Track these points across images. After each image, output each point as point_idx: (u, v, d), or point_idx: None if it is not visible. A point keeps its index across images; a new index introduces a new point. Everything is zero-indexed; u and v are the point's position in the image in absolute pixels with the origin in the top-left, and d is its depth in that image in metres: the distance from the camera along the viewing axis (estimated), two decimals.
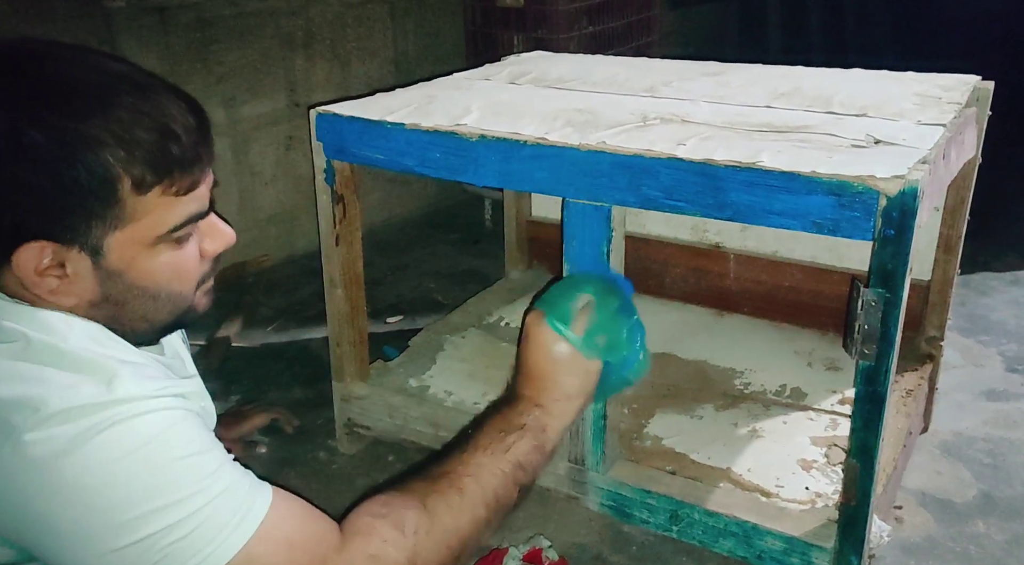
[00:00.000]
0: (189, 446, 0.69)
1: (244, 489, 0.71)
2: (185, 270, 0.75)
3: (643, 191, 0.98)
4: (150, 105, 0.68)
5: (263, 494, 0.72)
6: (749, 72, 1.40)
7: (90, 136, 0.65)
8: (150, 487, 0.66)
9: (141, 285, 0.73)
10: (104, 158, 0.66)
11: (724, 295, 1.62)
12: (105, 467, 0.65)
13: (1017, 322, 1.84)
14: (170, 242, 0.72)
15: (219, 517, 0.68)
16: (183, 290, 0.76)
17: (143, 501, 0.65)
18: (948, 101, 1.15)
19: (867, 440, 0.95)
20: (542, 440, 0.89)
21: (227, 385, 1.65)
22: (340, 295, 1.31)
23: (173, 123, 0.69)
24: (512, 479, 0.85)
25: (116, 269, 0.71)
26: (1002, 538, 1.21)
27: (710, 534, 1.10)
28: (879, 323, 0.89)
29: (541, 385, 0.91)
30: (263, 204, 2.19)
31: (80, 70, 0.68)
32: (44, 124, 0.64)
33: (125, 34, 1.82)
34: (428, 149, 1.12)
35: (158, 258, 0.72)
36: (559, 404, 0.91)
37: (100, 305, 0.72)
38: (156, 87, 0.71)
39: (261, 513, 0.70)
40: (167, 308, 0.76)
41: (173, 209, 0.71)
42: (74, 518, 0.65)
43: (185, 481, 0.67)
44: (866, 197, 0.85)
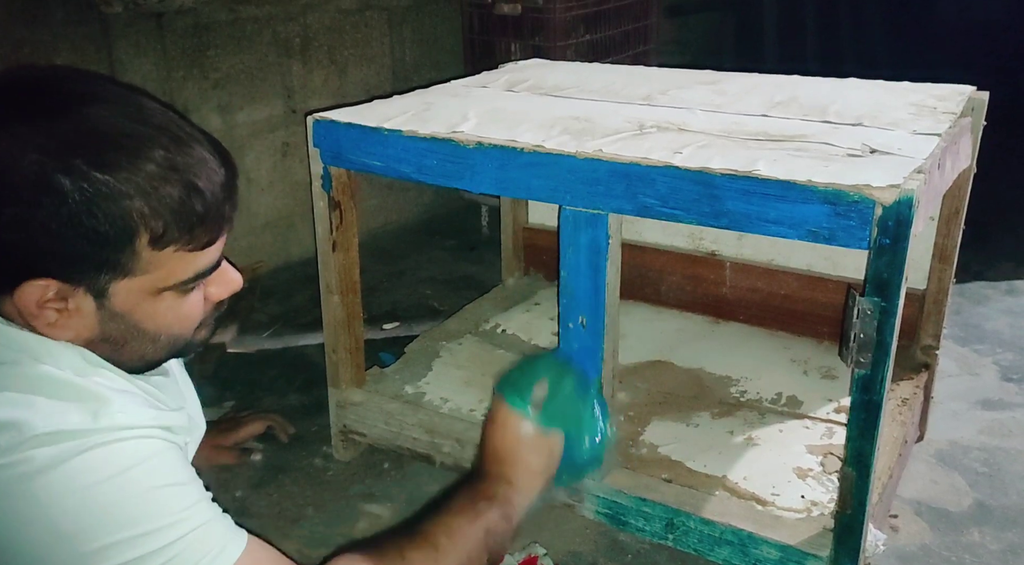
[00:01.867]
0: (168, 477, 0.68)
1: (220, 529, 0.70)
2: (188, 316, 0.75)
3: (639, 199, 0.98)
4: (183, 161, 0.68)
5: (238, 538, 0.72)
6: (745, 81, 1.40)
7: (116, 188, 0.65)
8: (124, 515, 0.65)
9: (142, 328, 0.72)
10: (126, 211, 0.65)
11: (720, 303, 1.63)
12: (79, 491, 0.64)
13: (1012, 331, 1.84)
14: (176, 291, 0.72)
15: (191, 554, 0.67)
16: (183, 333, 0.76)
17: (115, 529, 0.64)
18: (943, 111, 1.15)
19: (863, 449, 0.95)
20: (509, 512, 0.93)
21: (222, 391, 1.64)
22: (336, 302, 1.31)
23: (201, 181, 0.68)
24: (483, 544, 0.89)
25: (118, 313, 0.70)
26: (997, 547, 1.21)
27: (706, 542, 1.10)
28: (875, 332, 0.89)
29: (507, 461, 0.96)
30: (259, 210, 2.19)
31: (120, 118, 0.67)
32: (73, 171, 0.64)
33: (122, 40, 1.82)
34: (425, 156, 1.12)
35: (162, 304, 0.72)
36: (524, 479, 0.96)
37: (98, 343, 0.72)
38: (192, 140, 0.70)
39: (234, 556, 0.69)
40: (166, 349, 0.76)
41: (186, 264, 0.71)
42: (43, 542, 0.64)
43: (160, 512, 0.66)
44: (862, 206, 0.85)
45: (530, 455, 0.96)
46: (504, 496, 0.93)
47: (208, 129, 2.04)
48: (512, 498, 0.94)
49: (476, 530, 0.88)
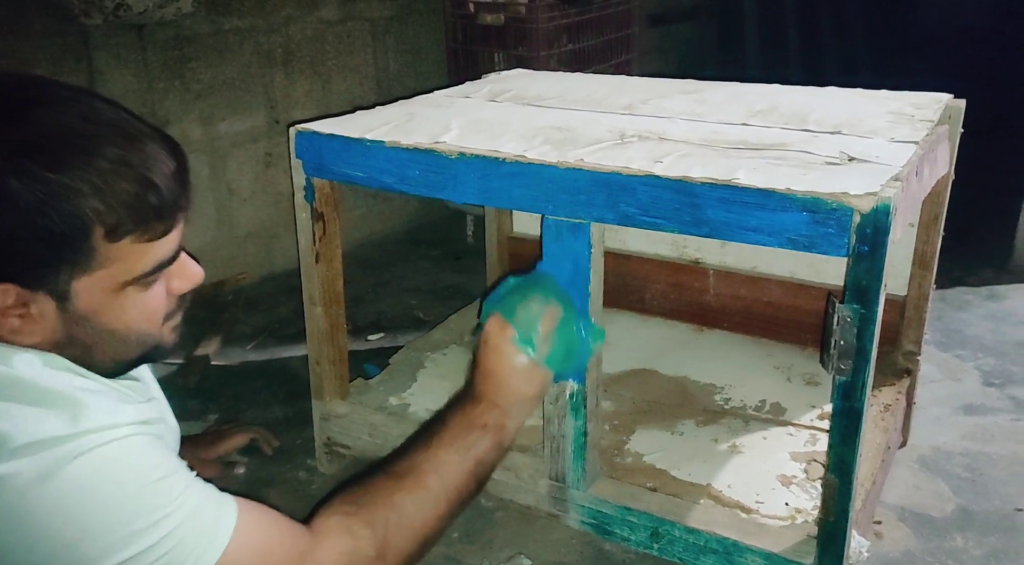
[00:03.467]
0: (156, 470, 0.69)
1: (212, 506, 0.72)
2: (152, 311, 0.75)
3: (621, 208, 0.99)
4: (134, 155, 0.68)
5: (229, 509, 0.74)
6: (726, 90, 1.41)
7: (68, 187, 0.65)
8: (123, 514, 0.66)
9: (108, 328, 0.72)
10: (80, 209, 0.66)
11: (704, 311, 1.63)
12: (76, 498, 0.65)
13: (993, 336, 1.86)
14: (138, 286, 0.72)
15: (192, 537, 0.69)
16: (150, 330, 0.76)
17: (116, 528, 0.66)
18: (921, 118, 1.16)
19: (845, 455, 0.95)
20: (501, 438, 0.97)
21: (205, 404, 1.63)
22: (320, 313, 1.30)
23: (154, 173, 0.69)
24: (474, 475, 0.92)
25: (83, 313, 0.70)
26: (980, 553, 1.21)
27: (691, 551, 1.10)
28: (855, 339, 0.89)
29: (503, 390, 0.98)
30: (241, 221, 2.18)
31: (69, 118, 0.68)
32: (24, 173, 0.64)
33: (102, 51, 1.81)
34: (407, 166, 1.12)
35: (125, 301, 0.72)
36: (517, 406, 0.99)
37: (66, 347, 0.72)
38: (142, 134, 0.71)
39: (230, 527, 0.72)
40: (135, 348, 0.76)
41: (144, 255, 0.71)
42: (48, 552, 0.65)
43: (155, 505, 0.68)
44: (840, 214, 0.86)
45: (526, 385, 0.99)
46: (497, 424, 0.96)
47: (190, 140, 2.06)
48: (505, 425, 0.97)
49: (467, 463, 0.92)
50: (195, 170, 2.03)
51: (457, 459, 0.91)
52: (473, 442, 0.93)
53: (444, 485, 0.89)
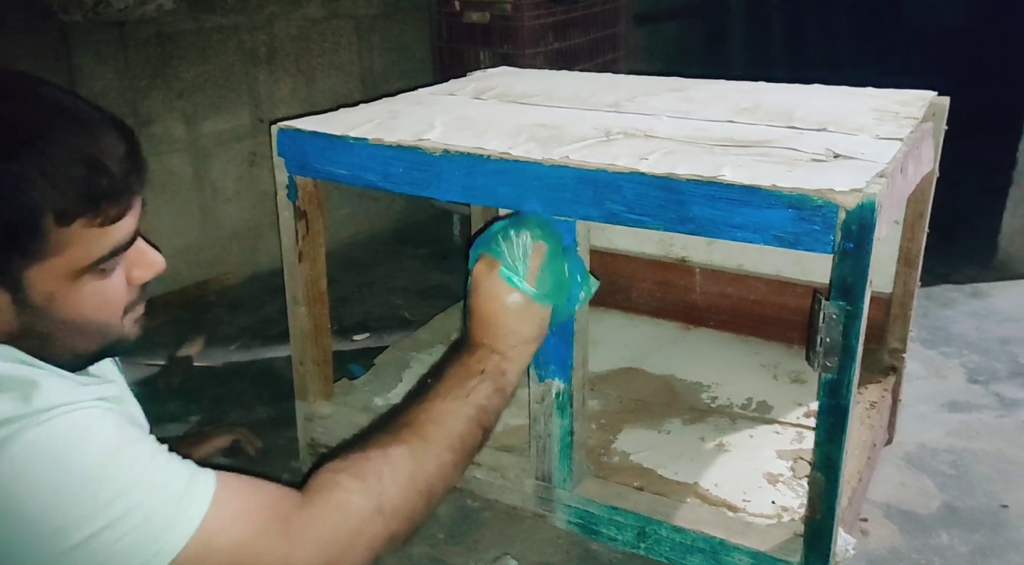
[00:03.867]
0: (118, 440, 0.66)
1: (185, 475, 0.69)
2: (111, 300, 0.73)
3: (606, 205, 0.98)
4: (83, 139, 0.67)
5: (205, 477, 0.71)
6: (712, 87, 1.41)
7: (17, 174, 0.64)
8: (84, 486, 0.63)
9: (65, 318, 0.70)
10: (29, 196, 0.64)
11: (690, 309, 1.63)
12: (31, 473, 0.62)
13: (978, 333, 1.87)
14: (95, 273, 0.70)
15: (164, 505, 0.66)
16: (110, 320, 0.74)
17: (79, 502, 0.63)
18: (905, 116, 1.16)
19: (831, 453, 0.95)
20: (502, 384, 0.92)
21: (188, 405, 1.61)
22: (303, 313, 1.29)
23: (103, 156, 0.68)
24: (476, 422, 0.88)
25: (37, 304, 0.69)
26: (965, 549, 1.21)
27: (678, 550, 1.09)
28: (840, 336, 0.89)
29: (498, 333, 0.94)
30: (225, 221, 2.16)
31: (16, 104, 0.67)
32: None
33: (82, 49, 1.79)
34: (391, 164, 1.11)
35: (82, 290, 0.70)
36: (516, 349, 0.95)
37: (21, 339, 0.70)
38: (88, 116, 0.69)
39: (208, 494, 0.69)
40: (95, 340, 0.74)
41: (98, 241, 0.69)
42: (9, 531, 0.62)
43: (119, 475, 0.65)
44: (825, 211, 0.86)
45: (522, 324, 0.95)
46: (495, 368, 0.92)
47: (173, 139, 2.03)
48: (505, 368, 0.93)
49: (467, 409, 0.87)
50: (178, 169, 2.02)
51: (456, 407, 0.87)
52: (472, 388, 0.89)
53: (445, 434, 0.84)
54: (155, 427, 0.77)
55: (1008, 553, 1.20)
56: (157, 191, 1.99)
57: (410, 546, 1.21)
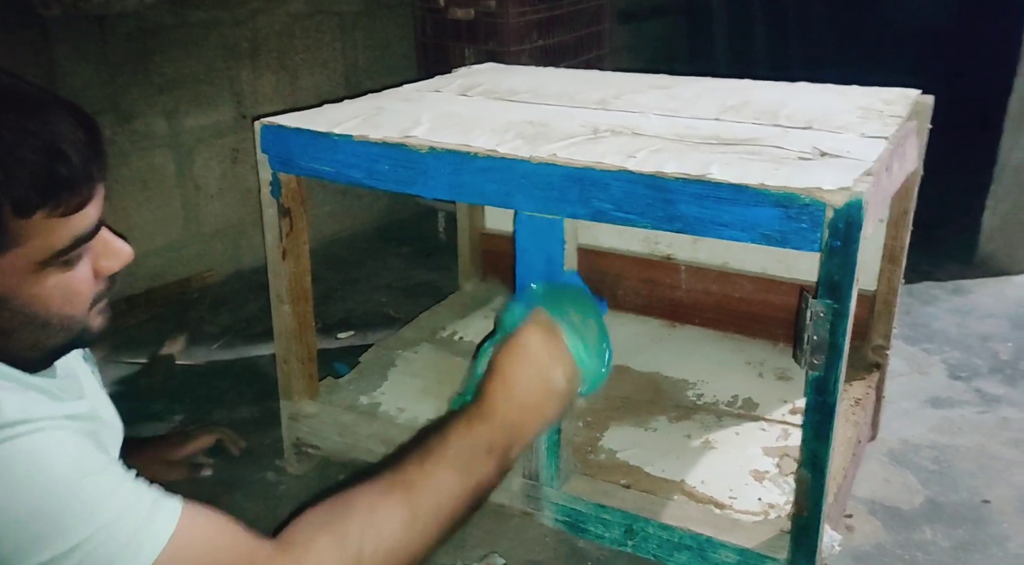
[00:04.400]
0: (74, 469, 0.64)
1: (143, 510, 0.66)
2: (77, 293, 0.71)
3: (593, 204, 0.98)
4: (37, 123, 0.65)
5: (168, 512, 0.67)
6: (698, 85, 1.41)
7: None
8: (29, 517, 0.61)
9: (29, 312, 0.68)
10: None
11: (676, 306, 1.63)
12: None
13: (959, 330, 1.88)
14: (58, 265, 0.68)
15: (112, 544, 0.63)
16: (75, 313, 0.72)
17: (21, 532, 0.61)
18: (890, 114, 1.17)
19: (818, 450, 0.95)
20: (506, 464, 0.85)
21: (170, 404, 1.59)
22: (287, 311, 1.28)
23: (61, 142, 0.65)
24: (470, 502, 0.82)
25: (0, 296, 0.66)
26: (948, 544, 1.23)
27: (665, 548, 1.10)
28: (827, 333, 0.89)
29: (527, 409, 0.86)
30: (208, 218, 2.13)
31: None
32: None
33: (62, 44, 1.76)
34: (376, 161, 1.10)
35: (46, 282, 0.68)
36: (534, 431, 0.87)
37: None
38: (45, 103, 0.67)
39: (166, 534, 0.65)
40: (60, 334, 0.71)
41: (59, 231, 0.67)
42: None
43: (70, 508, 0.62)
44: (813, 209, 0.86)
45: (556, 405, 0.87)
46: (507, 447, 0.83)
47: (155, 135, 2.01)
48: (513, 446, 0.84)
49: (466, 488, 0.80)
50: (160, 166, 2.00)
51: (455, 482, 0.79)
52: (478, 466, 0.81)
53: (437, 510, 0.77)
54: (137, 426, 0.75)
55: (990, 548, 1.22)
56: (139, 188, 1.97)
57: None
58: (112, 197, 1.92)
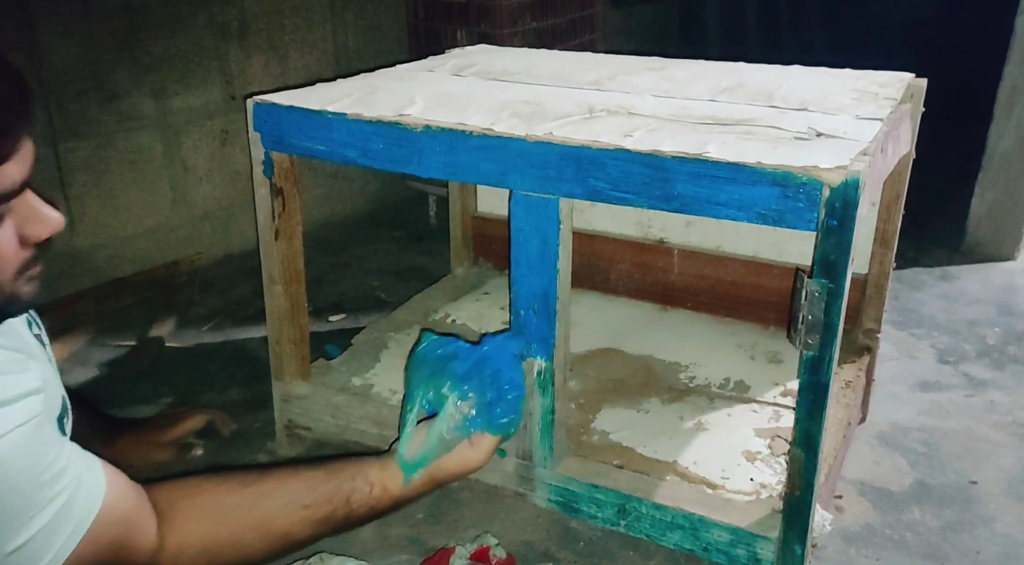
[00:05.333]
0: (25, 475, 0.67)
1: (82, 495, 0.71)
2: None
3: (590, 182, 0.97)
4: None
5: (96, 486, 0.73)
6: (692, 67, 1.41)
7: None
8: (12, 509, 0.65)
9: None
10: None
11: (668, 290, 1.63)
12: None
13: (947, 315, 1.90)
14: None
15: (57, 535, 0.69)
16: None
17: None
18: (884, 97, 1.17)
19: (811, 430, 0.96)
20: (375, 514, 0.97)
21: (159, 387, 1.58)
22: (280, 292, 1.27)
23: None
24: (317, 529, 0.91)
25: None
26: (937, 524, 1.24)
27: (657, 527, 1.10)
28: (822, 313, 0.90)
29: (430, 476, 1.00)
30: (197, 200, 2.11)
31: None
32: None
33: (44, 19, 1.73)
34: (371, 140, 1.09)
35: None
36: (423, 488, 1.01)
37: None
38: None
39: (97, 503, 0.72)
40: None
41: None
42: None
43: (26, 510, 0.66)
44: (810, 188, 0.86)
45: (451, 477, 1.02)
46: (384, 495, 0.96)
47: (141, 115, 1.98)
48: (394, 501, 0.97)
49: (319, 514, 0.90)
50: (148, 147, 1.97)
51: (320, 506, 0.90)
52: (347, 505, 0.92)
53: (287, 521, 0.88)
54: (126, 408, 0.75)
55: (977, 528, 1.23)
56: (126, 168, 1.94)
57: (388, 526, 1.20)
58: (99, 178, 1.89)
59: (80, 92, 1.82)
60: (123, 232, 1.95)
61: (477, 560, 1.12)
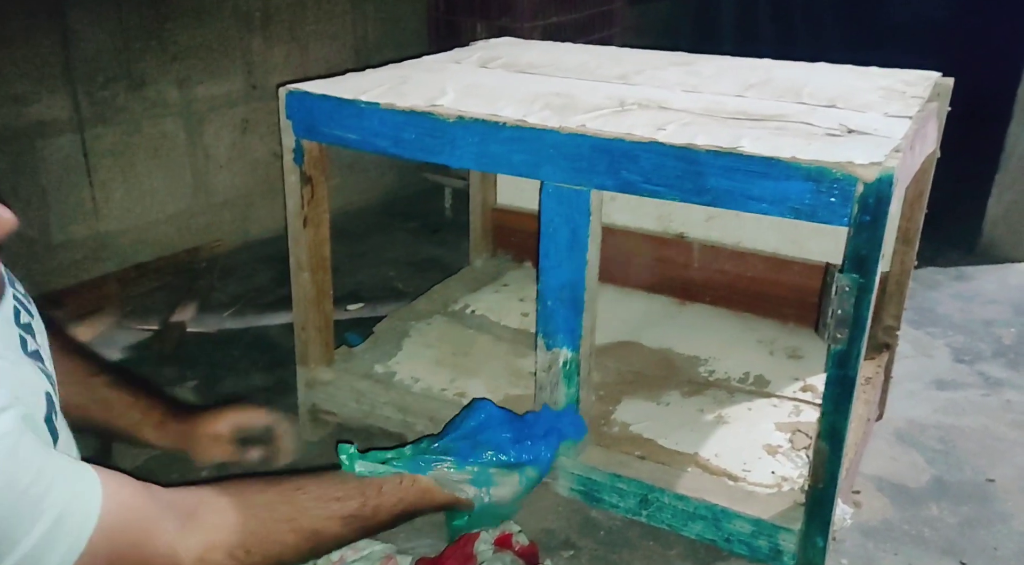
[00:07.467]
0: (10, 489, 0.61)
1: (77, 510, 0.65)
2: None
3: (622, 175, 0.98)
4: None
5: (92, 495, 0.67)
6: (718, 63, 1.41)
7: None
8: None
9: None
10: None
11: (687, 284, 1.64)
12: None
13: (962, 315, 1.91)
14: None
15: (51, 554, 0.63)
16: None
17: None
18: (912, 95, 1.18)
19: (836, 423, 0.97)
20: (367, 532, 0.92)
21: (183, 370, 1.60)
22: (306, 278, 1.28)
23: None
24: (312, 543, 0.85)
25: None
26: (954, 521, 1.25)
27: (679, 518, 1.11)
28: (852, 307, 0.91)
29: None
30: (217, 188, 2.13)
31: None
32: None
33: (77, 8, 1.75)
34: (403, 129, 1.10)
35: None
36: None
37: None
38: None
39: (94, 515, 0.65)
40: None
41: None
42: None
43: (26, 519, 0.61)
44: (844, 183, 0.87)
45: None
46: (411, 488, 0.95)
47: (167, 102, 2.00)
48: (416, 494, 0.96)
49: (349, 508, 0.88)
50: (171, 134, 1.99)
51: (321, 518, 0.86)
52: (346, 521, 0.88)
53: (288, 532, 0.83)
54: None
55: (995, 524, 1.24)
56: (150, 155, 1.96)
57: None
58: (124, 164, 1.91)
59: (109, 79, 1.84)
60: (147, 218, 1.97)
61: (500, 546, 1.13)
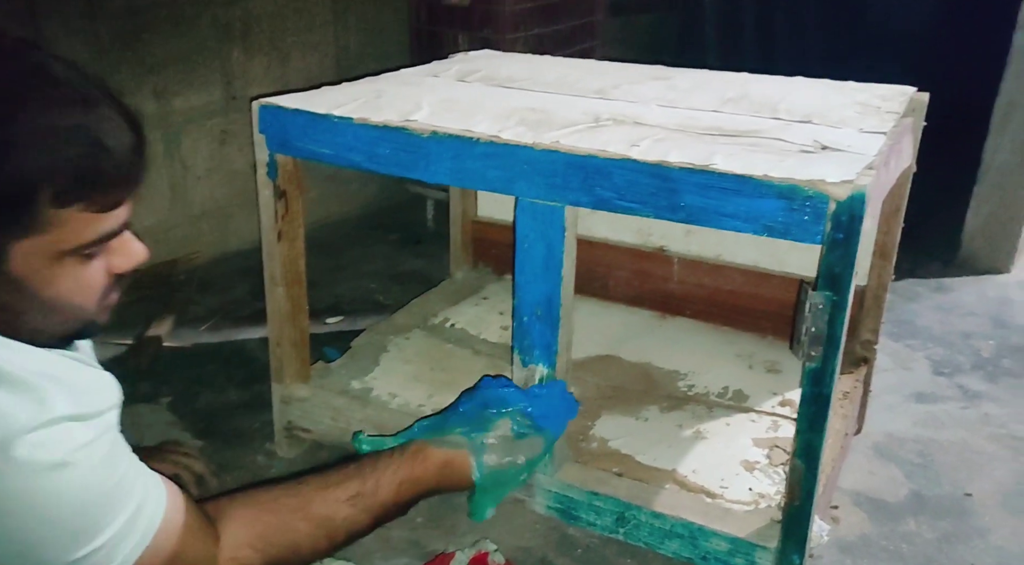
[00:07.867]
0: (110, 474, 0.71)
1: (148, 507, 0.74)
2: (89, 286, 0.71)
3: (596, 191, 0.98)
4: (89, 118, 0.65)
5: (158, 497, 0.76)
6: (695, 77, 1.41)
7: (14, 142, 0.62)
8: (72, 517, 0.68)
9: (42, 296, 0.68)
10: (25, 167, 0.62)
11: (667, 298, 1.64)
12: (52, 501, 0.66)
13: (942, 327, 1.91)
14: (78, 257, 0.69)
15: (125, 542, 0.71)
16: (84, 305, 0.72)
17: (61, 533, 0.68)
18: (887, 110, 1.18)
19: (812, 441, 0.96)
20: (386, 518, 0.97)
21: (157, 386, 1.58)
22: (281, 293, 1.27)
23: (108, 140, 0.66)
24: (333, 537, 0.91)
25: (16, 277, 0.66)
26: (932, 536, 1.25)
27: (656, 535, 1.10)
28: (826, 325, 0.90)
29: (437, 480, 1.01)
30: (195, 199, 2.11)
31: (18, 73, 0.65)
32: None
33: (49, 19, 1.73)
34: (377, 144, 1.09)
35: (62, 270, 0.68)
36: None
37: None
38: (99, 100, 0.67)
39: (159, 515, 0.74)
40: (68, 323, 0.72)
41: (90, 226, 0.67)
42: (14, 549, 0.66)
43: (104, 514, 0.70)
44: (816, 201, 0.87)
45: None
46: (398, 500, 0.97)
47: (144, 115, 1.98)
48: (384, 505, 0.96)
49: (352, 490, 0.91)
50: (149, 145, 1.97)
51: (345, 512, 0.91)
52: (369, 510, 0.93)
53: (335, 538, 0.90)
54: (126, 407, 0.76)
55: (973, 539, 1.24)
56: None
57: (389, 529, 1.20)
58: None
59: None
60: None
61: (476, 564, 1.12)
